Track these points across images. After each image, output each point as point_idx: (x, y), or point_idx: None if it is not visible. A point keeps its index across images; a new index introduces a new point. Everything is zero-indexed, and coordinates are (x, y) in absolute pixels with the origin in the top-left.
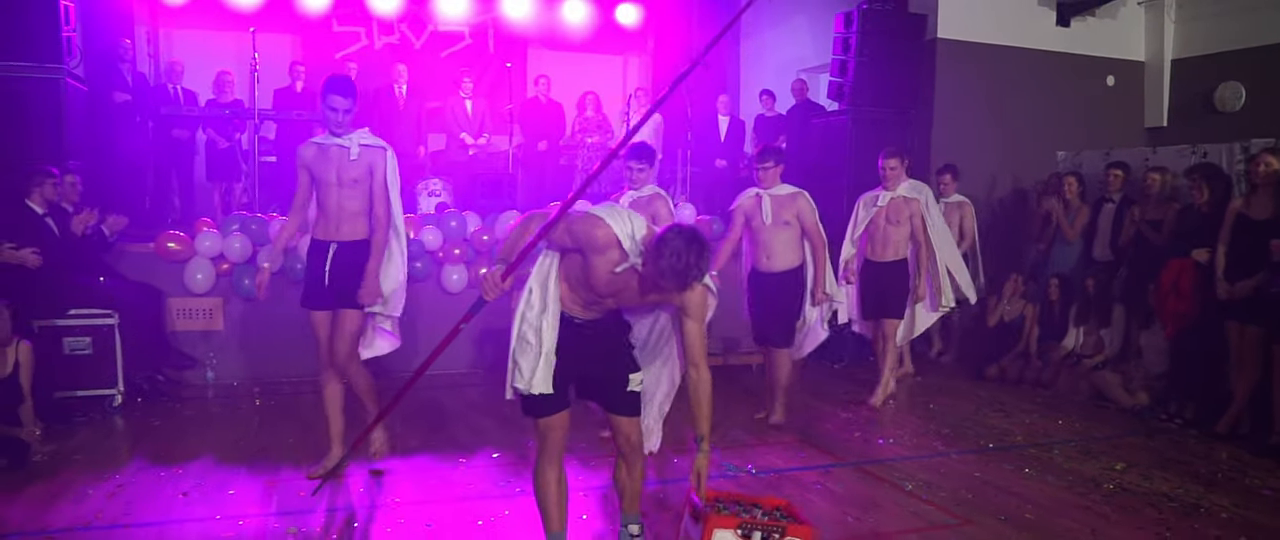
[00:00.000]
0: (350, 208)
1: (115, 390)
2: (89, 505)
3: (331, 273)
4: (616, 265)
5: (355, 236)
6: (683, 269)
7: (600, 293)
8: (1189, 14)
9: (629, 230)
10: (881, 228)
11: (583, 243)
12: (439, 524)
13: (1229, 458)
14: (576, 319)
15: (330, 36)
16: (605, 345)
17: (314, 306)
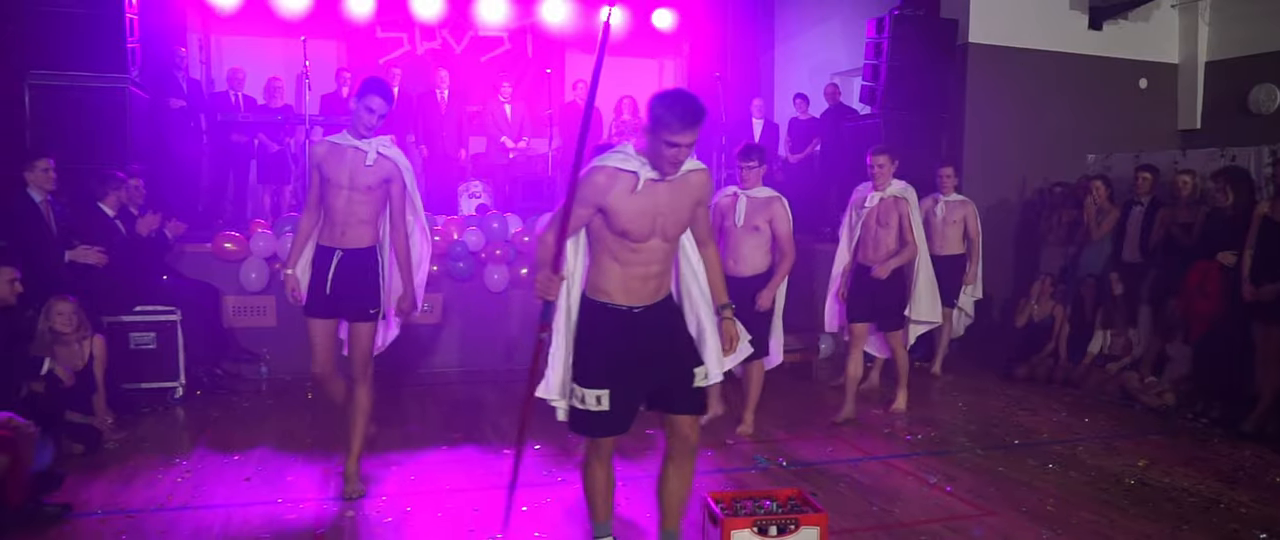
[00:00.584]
0: (359, 214)
1: (177, 383)
2: (161, 488)
3: (334, 281)
4: (633, 187)
5: (360, 244)
6: (687, 105)
7: (643, 231)
8: (1223, 16)
9: (621, 154)
10: (872, 231)
11: (594, 196)
12: (485, 510)
13: (1253, 456)
14: (634, 308)
15: (374, 42)
16: (665, 337)
17: (316, 314)
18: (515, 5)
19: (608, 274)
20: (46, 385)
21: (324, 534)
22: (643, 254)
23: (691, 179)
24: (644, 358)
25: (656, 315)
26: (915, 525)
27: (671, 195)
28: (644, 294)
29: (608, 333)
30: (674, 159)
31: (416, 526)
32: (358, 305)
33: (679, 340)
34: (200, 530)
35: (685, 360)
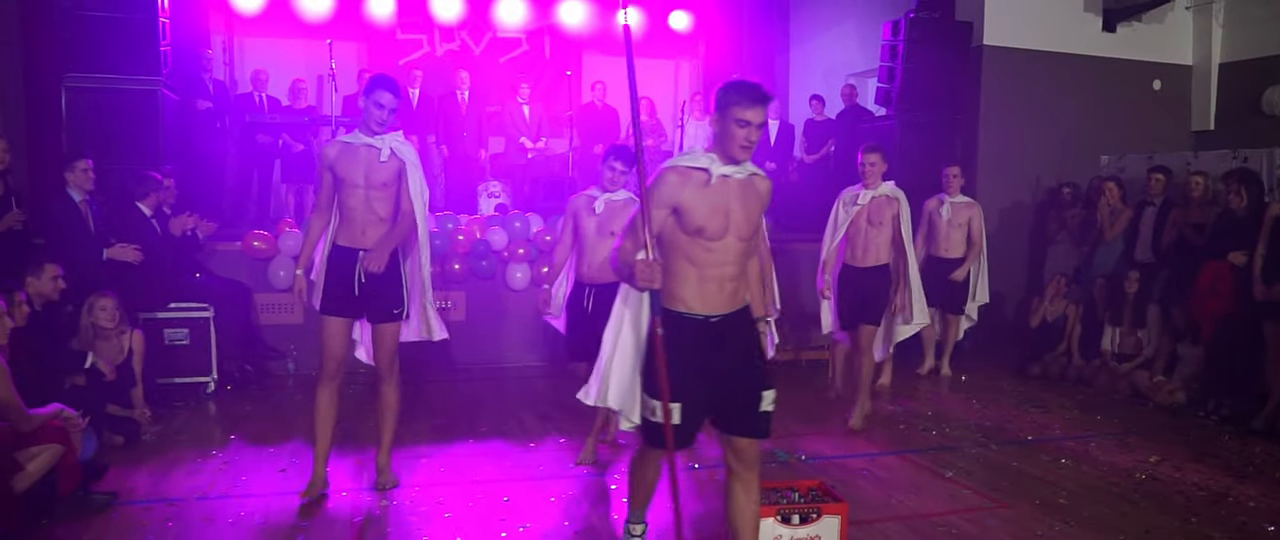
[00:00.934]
0: (378, 212)
1: (210, 378)
2: (201, 478)
3: (363, 283)
4: (706, 183)
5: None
6: (753, 83)
7: (718, 228)
8: (1237, 18)
9: (690, 154)
10: (862, 230)
11: (669, 196)
12: (515, 500)
13: (1262, 452)
14: (711, 318)
15: (395, 44)
16: (741, 352)
17: (338, 314)
18: (533, 7)
19: (683, 279)
20: (88, 379)
21: (360, 523)
22: (718, 253)
23: (758, 182)
24: (717, 372)
25: (733, 326)
26: (932, 516)
27: (742, 193)
28: (720, 301)
29: (683, 344)
30: (746, 140)
31: (449, 516)
32: (383, 306)
33: (754, 356)
34: (242, 518)
35: (756, 380)
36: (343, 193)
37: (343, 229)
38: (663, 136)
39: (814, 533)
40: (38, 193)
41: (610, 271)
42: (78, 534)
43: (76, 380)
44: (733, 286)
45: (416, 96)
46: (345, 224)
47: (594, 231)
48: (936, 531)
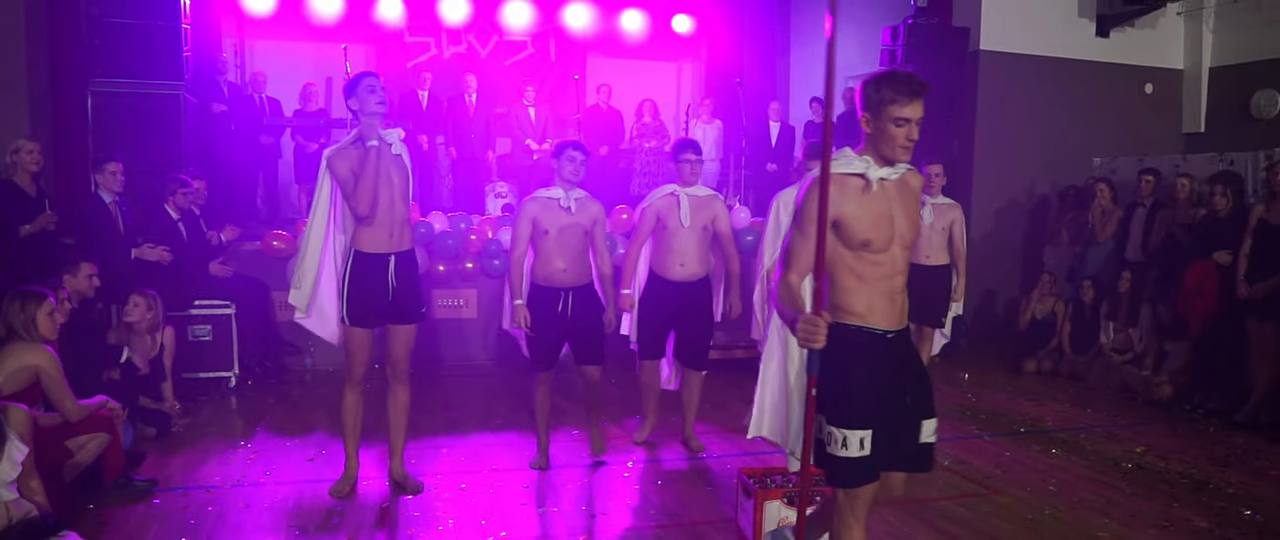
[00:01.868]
0: (401, 214)
1: (231, 373)
2: (234, 467)
3: (396, 286)
4: (864, 190)
5: (409, 246)
6: (906, 74)
7: (884, 237)
8: (1227, 24)
9: (841, 159)
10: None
11: (831, 209)
12: (533, 486)
13: (1244, 443)
14: (888, 333)
15: (403, 47)
16: (912, 372)
17: (366, 324)
18: (538, 10)
19: (853, 293)
20: (123, 373)
21: (389, 507)
22: (885, 265)
23: (910, 179)
24: (900, 392)
25: (906, 344)
26: (928, 502)
27: (902, 195)
28: (892, 315)
29: (866, 362)
30: (906, 138)
31: (473, 500)
32: (411, 308)
33: (922, 379)
34: (276, 503)
35: (921, 407)
36: (366, 199)
37: (369, 235)
38: (665, 138)
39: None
40: (64, 194)
41: (589, 274)
42: (124, 518)
43: (112, 374)
44: (901, 300)
45: (425, 98)
46: (371, 230)
47: (564, 232)
48: (933, 515)
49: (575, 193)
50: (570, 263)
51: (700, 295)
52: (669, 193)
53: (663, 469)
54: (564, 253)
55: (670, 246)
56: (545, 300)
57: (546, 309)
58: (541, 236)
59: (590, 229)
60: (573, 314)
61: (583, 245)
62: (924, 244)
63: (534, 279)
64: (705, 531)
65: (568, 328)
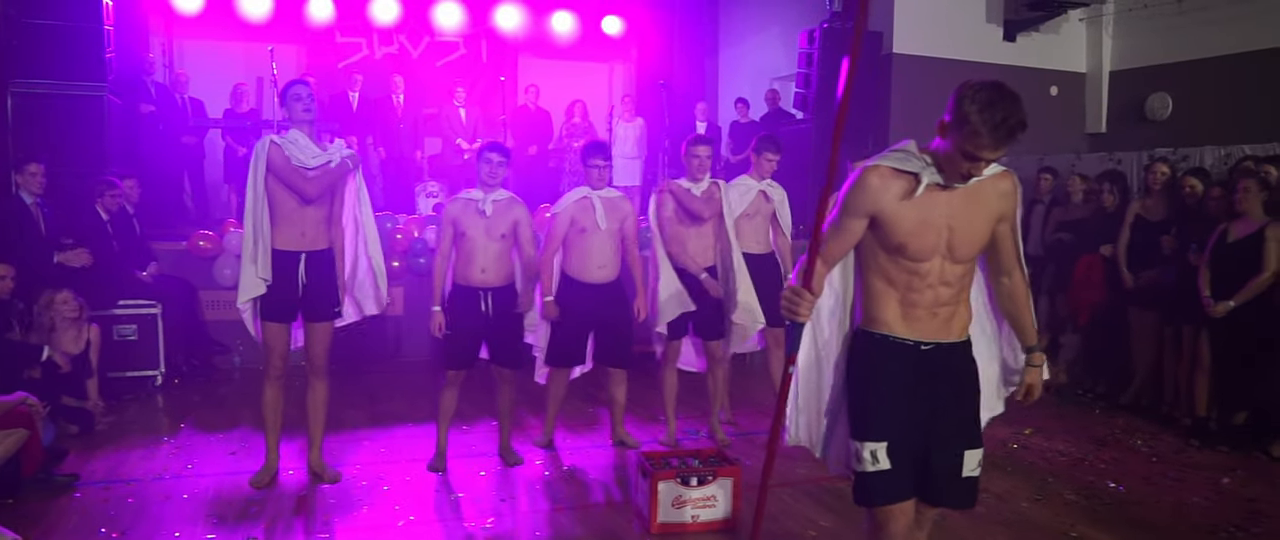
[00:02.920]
0: (314, 215)
1: (157, 372)
2: (156, 461)
3: (306, 284)
4: (910, 192)
5: (324, 245)
6: (1005, 115)
7: (924, 248)
8: (1124, 30)
9: (901, 152)
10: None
11: (866, 202)
12: (451, 475)
13: (1124, 424)
14: (921, 345)
15: (334, 47)
16: (952, 392)
17: (280, 320)
18: (469, 11)
19: (882, 299)
20: (44, 371)
21: (307, 496)
22: (925, 276)
23: (992, 187)
24: (928, 410)
25: (947, 359)
26: (823, 482)
27: (966, 205)
28: (931, 328)
29: (887, 372)
30: (969, 173)
31: (389, 489)
32: (323, 306)
33: (965, 402)
34: (196, 494)
35: (961, 435)
36: (284, 199)
37: (283, 232)
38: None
39: (710, 492)
40: None
41: (511, 275)
42: (43, 512)
43: (32, 373)
44: (949, 313)
45: (356, 99)
46: (286, 227)
47: (484, 234)
48: (826, 494)
49: (496, 195)
50: (491, 264)
51: (619, 296)
52: (581, 196)
53: (576, 462)
54: (485, 254)
55: (587, 249)
56: (466, 300)
57: (467, 309)
58: (462, 239)
59: (511, 231)
60: (494, 315)
61: (504, 247)
62: None
63: (455, 279)
64: (606, 513)
65: (487, 328)
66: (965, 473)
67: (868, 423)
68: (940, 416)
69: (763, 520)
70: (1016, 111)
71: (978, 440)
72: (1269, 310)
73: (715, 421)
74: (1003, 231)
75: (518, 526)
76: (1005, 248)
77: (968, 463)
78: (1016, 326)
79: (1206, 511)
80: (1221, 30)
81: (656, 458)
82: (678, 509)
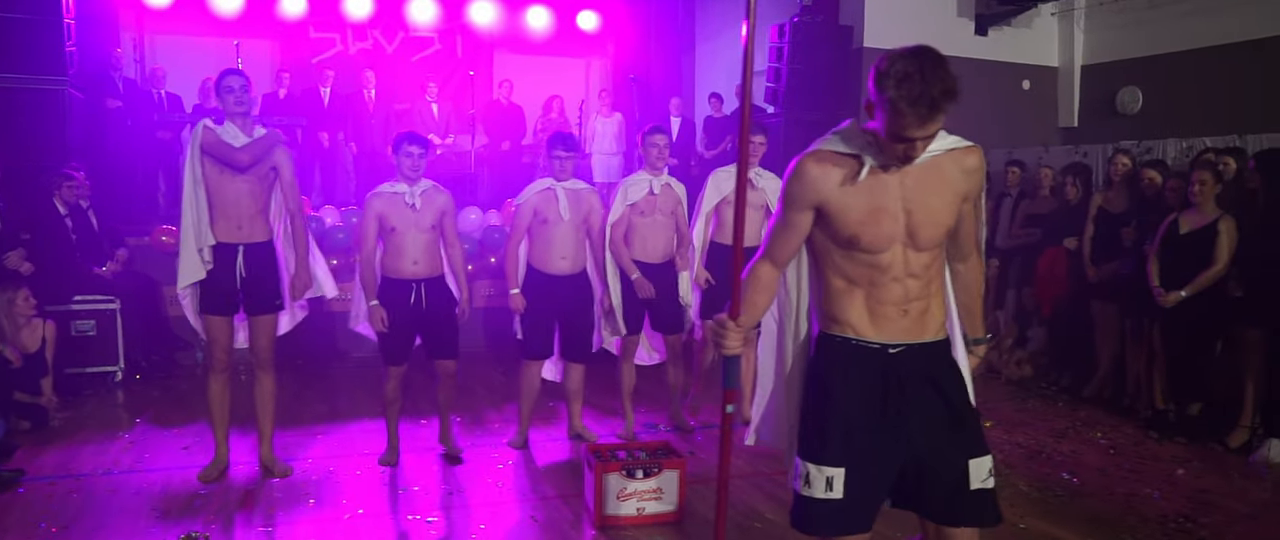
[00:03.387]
0: (249, 207)
1: (117, 367)
2: (107, 457)
3: (245, 277)
4: (856, 176)
5: (263, 238)
6: (924, 88)
7: (877, 237)
8: (1095, 24)
9: (840, 134)
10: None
11: (807, 194)
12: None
13: (1086, 415)
14: (888, 348)
15: (307, 42)
16: (934, 399)
17: (220, 312)
18: (443, 7)
19: (844, 298)
20: None
21: (254, 490)
22: (887, 270)
23: (954, 162)
24: (910, 421)
25: (921, 362)
26: (774, 475)
27: (922, 185)
28: (901, 327)
29: (849, 384)
30: (904, 155)
31: (338, 482)
32: (264, 299)
33: (954, 407)
34: (143, 488)
35: (960, 443)
36: (221, 186)
37: (220, 224)
38: None
39: (656, 484)
40: None
41: (441, 265)
42: None
43: None
44: (920, 309)
45: (328, 95)
46: (222, 219)
47: (413, 227)
48: (773, 486)
49: (421, 186)
50: (421, 256)
51: (583, 289)
52: (545, 187)
53: (529, 455)
54: (413, 247)
55: (551, 241)
56: (397, 293)
57: (398, 302)
58: (390, 233)
59: (438, 222)
60: (426, 306)
61: (432, 238)
62: None
63: (384, 272)
64: (556, 506)
65: (420, 320)
66: (975, 485)
67: (822, 443)
68: (927, 427)
69: (724, 518)
70: (937, 79)
71: (981, 447)
72: (1221, 302)
73: (676, 410)
74: (965, 211)
75: (465, 519)
76: (965, 229)
77: (974, 473)
78: (966, 316)
79: (1158, 503)
80: (1190, 24)
81: (603, 450)
82: (623, 501)
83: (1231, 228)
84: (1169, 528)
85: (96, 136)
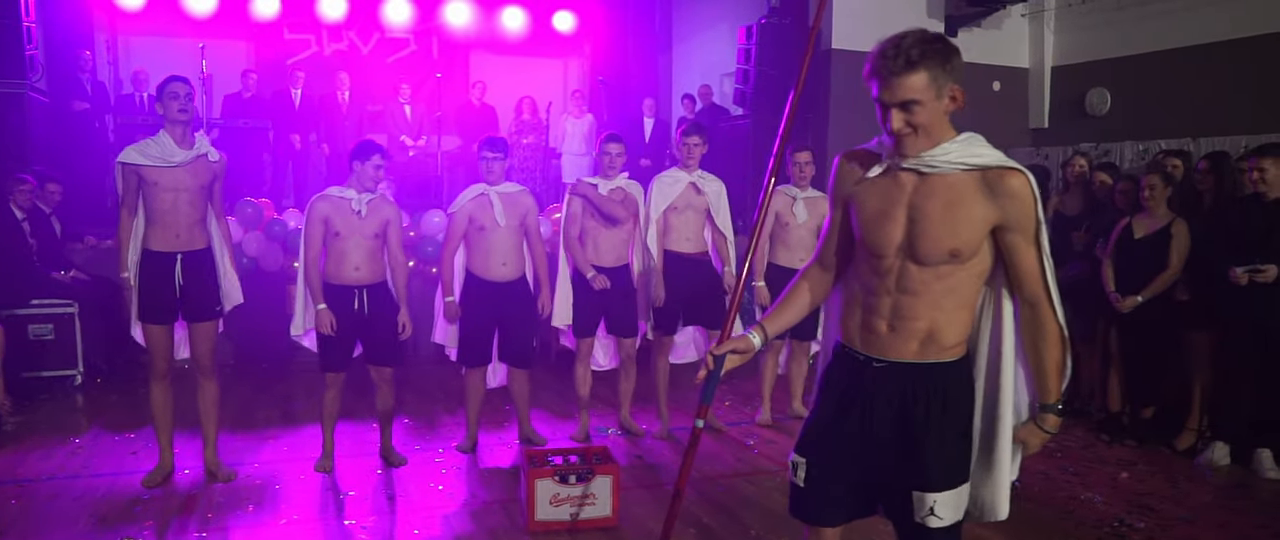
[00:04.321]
0: (188, 215)
1: (76, 371)
2: (53, 461)
3: (182, 285)
4: (868, 171)
5: (202, 245)
6: (890, 45)
7: (878, 240)
8: (1065, 26)
9: (878, 136)
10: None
11: (839, 188)
12: (346, 473)
13: None
14: (873, 362)
15: (282, 43)
16: (896, 424)
17: (158, 321)
18: (418, 7)
19: (849, 309)
20: None
21: (197, 495)
22: (883, 278)
23: (985, 182)
24: (866, 439)
25: (899, 384)
26: (718, 478)
27: (934, 195)
28: (888, 344)
29: (831, 387)
30: (892, 132)
31: (281, 487)
32: (203, 305)
33: (923, 436)
34: (86, 493)
35: (912, 471)
36: (155, 197)
37: (157, 234)
38: (543, 134)
39: (588, 490)
40: None
41: (383, 272)
42: None
43: None
44: (912, 330)
45: (298, 96)
46: (160, 228)
47: (357, 233)
48: (715, 490)
49: (369, 194)
50: (363, 262)
51: (522, 294)
52: (479, 193)
53: (476, 459)
54: (357, 253)
55: (488, 246)
56: (339, 299)
57: (341, 308)
58: (334, 238)
59: (382, 231)
60: (368, 312)
61: (375, 245)
62: (796, 245)
63: (326, 277)
64: (493, 511)
65: (361, 327)
66: (918, 518)
67: (803, 433)
68: (890, 448)
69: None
70: (905, 37)
71: (935, 482)
72: (1172, 305)
73: (625, 415)
74: (1013, 243)
75: (400, 524)
76: (1019, 265)
77: (918, 506)
78: (1034, 370)
79: (1098, 507)
80: (1157, 26)
81: (537, 455)
82: (556, 507)
83: (1184, 230)
84: (1104, 532)
85: (62, 139)
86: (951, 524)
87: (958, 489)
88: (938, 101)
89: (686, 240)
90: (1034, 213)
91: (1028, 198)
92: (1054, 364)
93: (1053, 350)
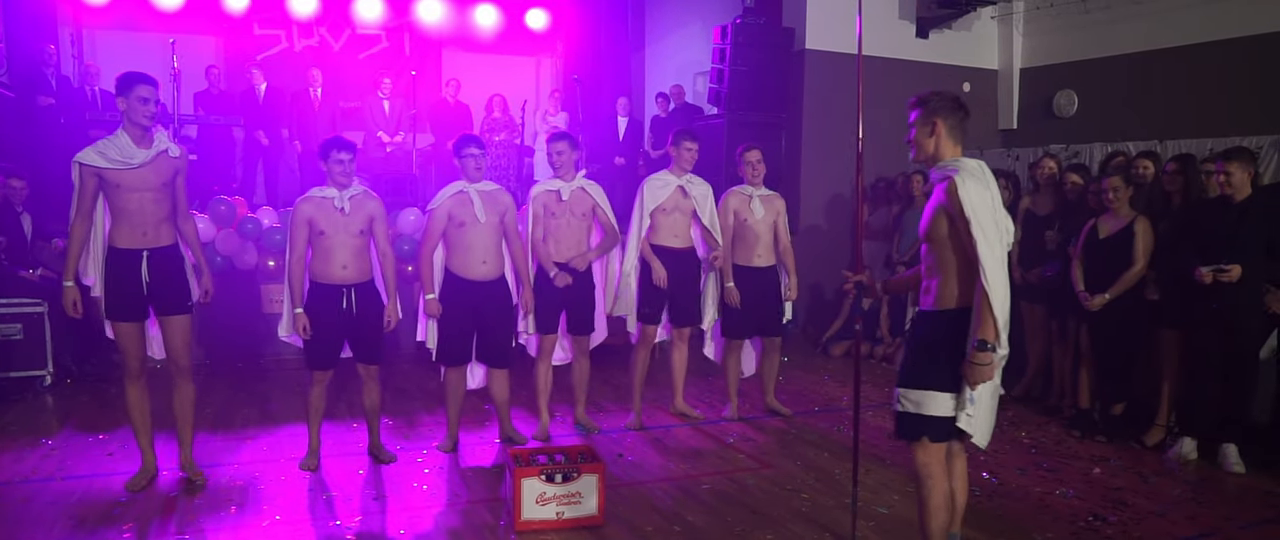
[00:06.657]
0: (154, 213)
1: (45, 372)
2: (26, 464)
3: (150, 282)
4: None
5: (168, 242)
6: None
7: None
8: (1034, 28)
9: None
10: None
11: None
12: (326, 473)
13: (1013, 416)
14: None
15: (251, 39)
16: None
17: (127, 319)
18: (391, 4)
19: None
20: None
21: (176, 498)
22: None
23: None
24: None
25: (927, 325)
26: (699, 478)
27: (935, 203)
28: (924, 301)
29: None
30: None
31: (262, 488)
32: (173, 299)
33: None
34: (61, 496)
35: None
36: (118, 198)
37: (122, 231)
38: (515, 131)
39: (574, 489)
40: None
41: (371, 270)
42: None
43: None
44: (930, 285)
45: (263, 91)
46: (125, 227)
47: (343, 231)
48: (699, 490)
49: (352, 190)
50: (350, 260)
51: (501, 293)
52: (458, 191)
53: (458, 458)
54: (343, 251)
55: (468, 245)
56: (327, 297)
57: (328, 307)
58: (319, 237)
59: (367, 227)
60: (356, 311)
61: (362, 243)
62: (755, 243)
63: (313, 276)
64: (478, 510)
65: (349, 325)
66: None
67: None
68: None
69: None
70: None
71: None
72: (1142, 304)
73: (581, 411)
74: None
75: (386, 524)
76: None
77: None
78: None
79: (1071, 502)
80: (1124, 30)
81: (523, 454)
82: (542, 506)
83: (1146, 228)
84: (1078, 526)
85: (28, 135)
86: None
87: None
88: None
89: (674, 237)
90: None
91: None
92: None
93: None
